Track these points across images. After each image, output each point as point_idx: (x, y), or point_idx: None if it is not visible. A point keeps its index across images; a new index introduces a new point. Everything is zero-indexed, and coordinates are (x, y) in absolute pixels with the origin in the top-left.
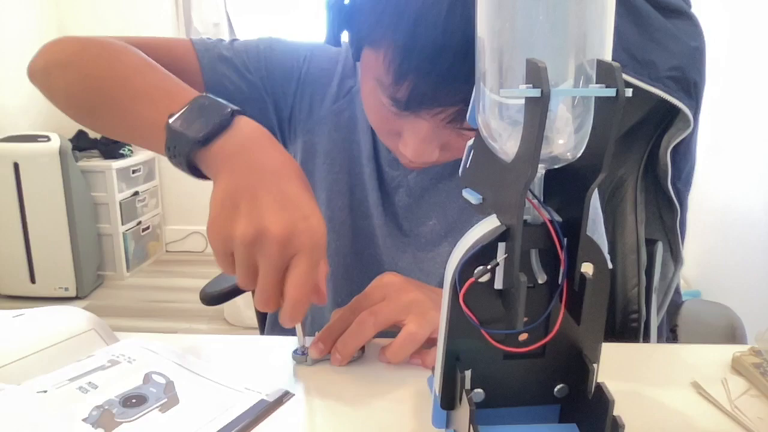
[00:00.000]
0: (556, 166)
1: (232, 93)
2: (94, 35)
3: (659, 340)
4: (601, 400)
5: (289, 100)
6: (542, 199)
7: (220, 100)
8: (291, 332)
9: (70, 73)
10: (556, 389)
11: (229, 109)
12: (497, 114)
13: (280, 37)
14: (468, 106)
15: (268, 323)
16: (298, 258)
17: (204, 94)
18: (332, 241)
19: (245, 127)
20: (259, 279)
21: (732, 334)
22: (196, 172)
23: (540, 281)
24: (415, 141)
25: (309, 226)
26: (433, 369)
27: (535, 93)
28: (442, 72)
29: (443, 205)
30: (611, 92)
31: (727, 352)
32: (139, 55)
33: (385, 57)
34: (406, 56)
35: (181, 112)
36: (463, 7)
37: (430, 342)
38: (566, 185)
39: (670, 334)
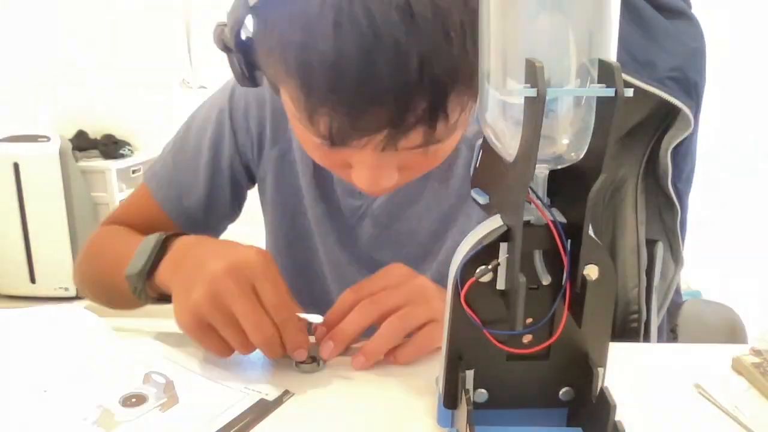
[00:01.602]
0: (560, 167)
1: (193, 198)
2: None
3: (659, 340)
4: (604, 404)
5: (243, 150)
6: (548, 200)
7: (152, 236)
8: None
9: (85, 286)
10: (561, 392)
11: (155, 240)
12: (501, 113)
13: (194, 113)
14: (399, 126)
15: None
16: (258, 284)
17: (145, 237)
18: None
19: (177, 245)
20: (244, 320)
21: (732, 334)
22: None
23: (544, 282)
24: (365, 172)
25: (248, 255)
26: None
27: (532, 93)
28: (350, 98)
29: (414, 231)
30: (610, 92)
31: (727, 352)
32: (110, 238)
33: (290, 94)
34: (306, 89)
35: (129, 263)
36: (351, 21)
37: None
38: (570, 186)
39: (670, 334)
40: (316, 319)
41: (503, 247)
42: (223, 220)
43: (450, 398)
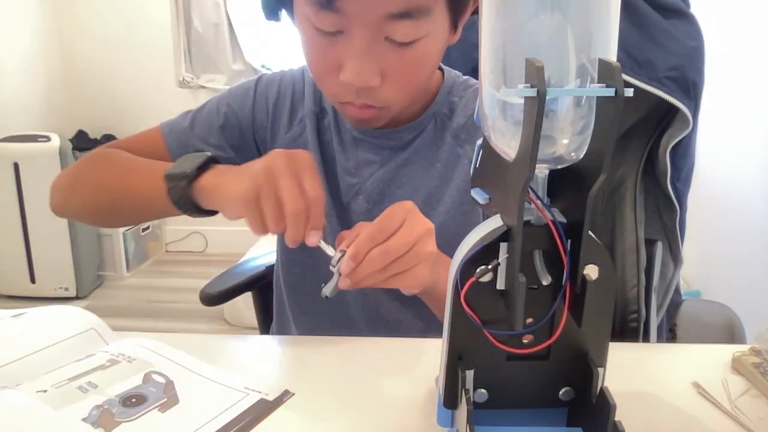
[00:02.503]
0: (560, 167)
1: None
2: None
3: (659, 339)
4: (604, 404)
5: (256, 132)
6: (548, 200)
7: (197, 153)
8: (293, 332)
9: (80, 191)
10: (561, 392)
11: (203, 155)
12: (501, 113)
13: (231, 88)
14: None
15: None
16: (301, 173)
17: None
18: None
19: (221, 166)
20: (284, 191)
21: (731, 333)
22: (199, 211)
23: (544, 282)
24: (353, 61)
25: (301, 152)
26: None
27: (532, 93)
28: None
29: None
30: (610, 92)
31: (727, 352)
32: (125, 156)
33: None
34: None
35: (172, 166)
36: None
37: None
38: (570, 186)
39: (669, 333)
40: (331, 251)
41: (503, 247)
42: None
43: (450, 398)
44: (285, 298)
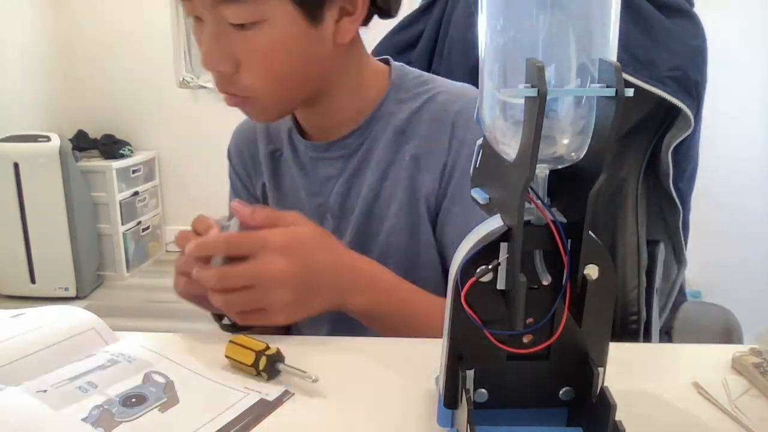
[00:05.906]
0: (560, 167)
1: None
2: None
3: (660, 341)
4: (604, 404)
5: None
6: (549, 200)
7: None
8: (292, 332)
9: None
10: (561, 392)
11: None
12: (501, 113)
13: None
14: None
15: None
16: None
17: None
18: None
19: None
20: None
21: (728, 336)
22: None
23: (545, 282)
24: (204, 44)
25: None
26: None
27: (532, 93)
28: None
29: (356, 216)
30: (611, 92)
31: (727, 352)
32: None
33: None
34: None
35: None
36: None
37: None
38: (570, 186)
39: (666, 336)
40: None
41: (503, 247)
42: None
43: (450, 398)
44: None
